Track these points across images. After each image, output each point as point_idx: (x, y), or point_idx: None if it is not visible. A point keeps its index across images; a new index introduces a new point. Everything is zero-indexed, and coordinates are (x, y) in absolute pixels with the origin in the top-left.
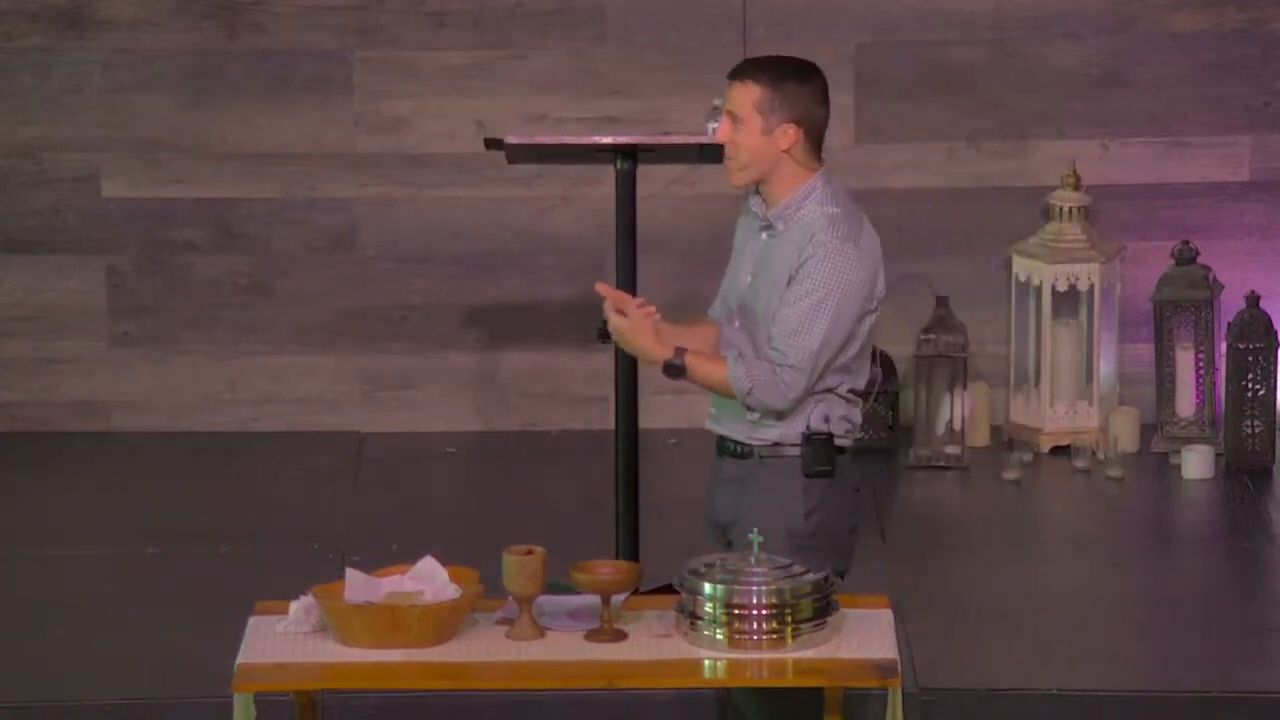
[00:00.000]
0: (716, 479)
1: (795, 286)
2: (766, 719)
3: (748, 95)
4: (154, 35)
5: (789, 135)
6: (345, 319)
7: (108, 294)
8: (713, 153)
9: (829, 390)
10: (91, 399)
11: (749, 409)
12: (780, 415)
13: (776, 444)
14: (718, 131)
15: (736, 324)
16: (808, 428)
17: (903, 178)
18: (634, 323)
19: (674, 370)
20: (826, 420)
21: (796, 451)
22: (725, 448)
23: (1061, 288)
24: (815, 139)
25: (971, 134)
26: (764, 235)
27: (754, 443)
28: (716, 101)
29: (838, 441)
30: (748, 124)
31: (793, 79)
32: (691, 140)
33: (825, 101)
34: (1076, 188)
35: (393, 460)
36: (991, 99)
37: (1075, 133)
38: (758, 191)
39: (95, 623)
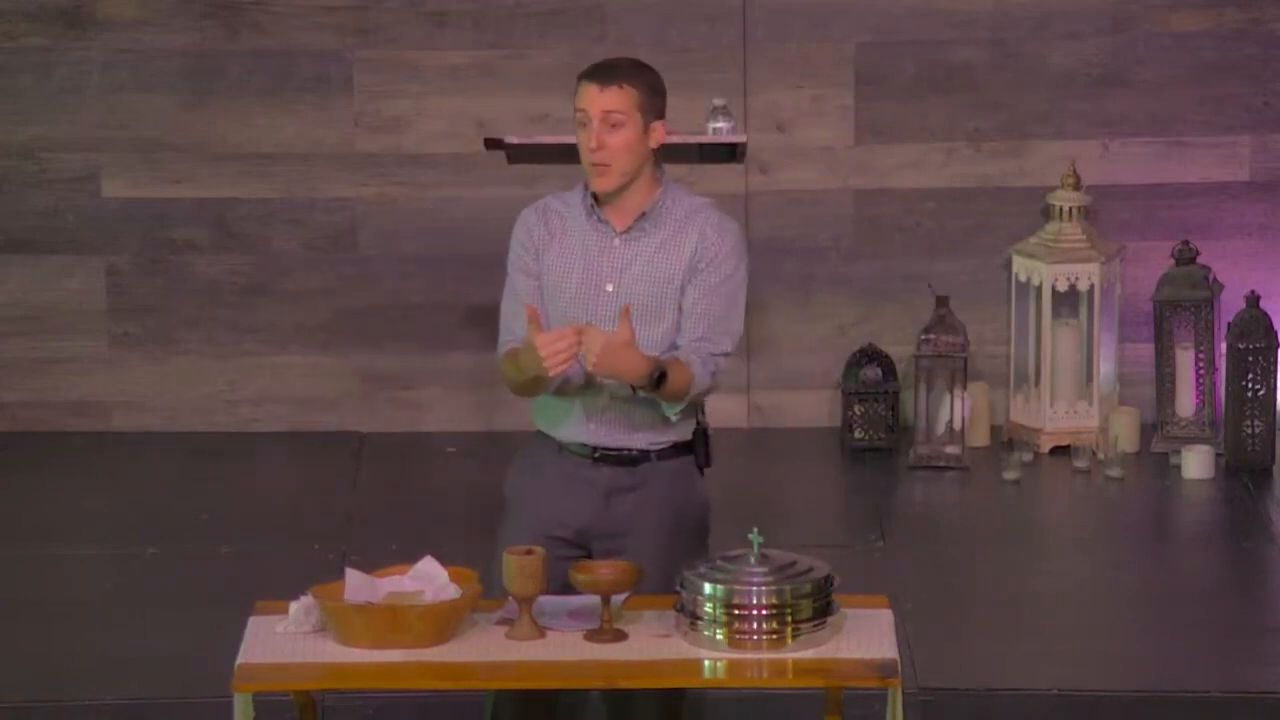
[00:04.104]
0: (583, 491)
1: (708, 274)
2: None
3: (626, 96)
4: (154, 35)
5: (660, 131)
6: (345, 319)
7: (108, 294)
8: (713, 152)
9: None
10: (91, 399)
11: (671, 408)
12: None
13: (675, 444)
14: (593, 139)
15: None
16: (698, 423)
17: (903, 178)
18: (608, 340)
19: (658, 380)
20: (703, 412)
21: (688, 449)
22: (606, 458)
23: (1061, 288)
24: None
25: (971, 134)
26: (617, 241)
27: (652, 447)
28: (717, 101)
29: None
30: (630, 125)
31: (651, 73)
32: (691, 140)
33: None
34: (1076, 188)
35: (393, 460)
36: (991, 99)
37: (1075, 133)
38: (596, 200)
39: (95, 623)
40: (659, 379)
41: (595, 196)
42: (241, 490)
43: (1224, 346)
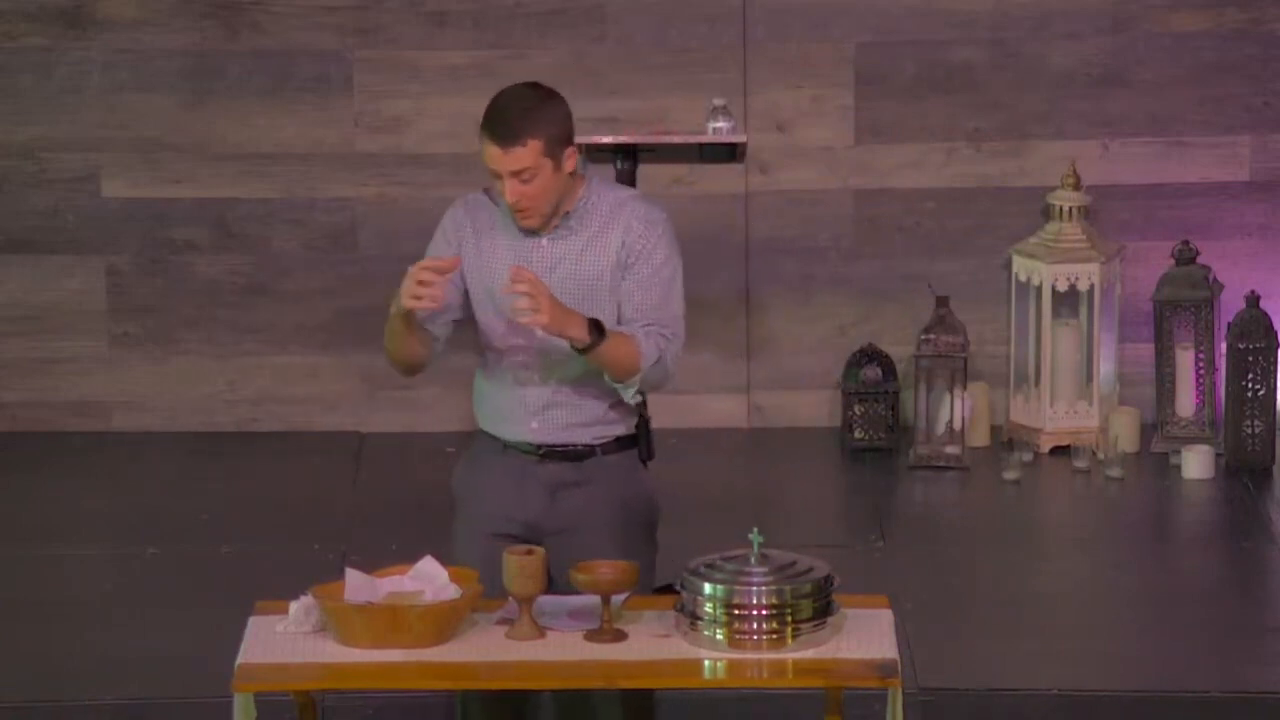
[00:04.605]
0: (529, 487)
1: (640, 267)
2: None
3: (531, 152)
4: (154, 35)
5: (573, 156)
6: (345, 319)
7: (108, 294)
8: (713, 152)
9: None
10: (91, 399)
11: (627, 388)
12: (651, 389)
13: (618, 438)
14: (508, 194)
15: (540, 331)
16: (641, 415)
17: (903, 178)
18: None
19: (596, 336)
20: (645, 406)
21: (631, 442)
22: (551, 454)
23: (1061, 288)
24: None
25: (971, 134)
26: (544, 241)
27: (596, 442)
28: (717, 101)
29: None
30: (542, 173)
31: (548, 107)
32: (691, 140)
33: (565, 101)
34: (1076, 188)
35: (393, 460)
36: (991, 99)
37: (1075, 133)
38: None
39: (95, 623)
40: (598, 330)
41: None
42: (241, 490)
43: (1224, 346)
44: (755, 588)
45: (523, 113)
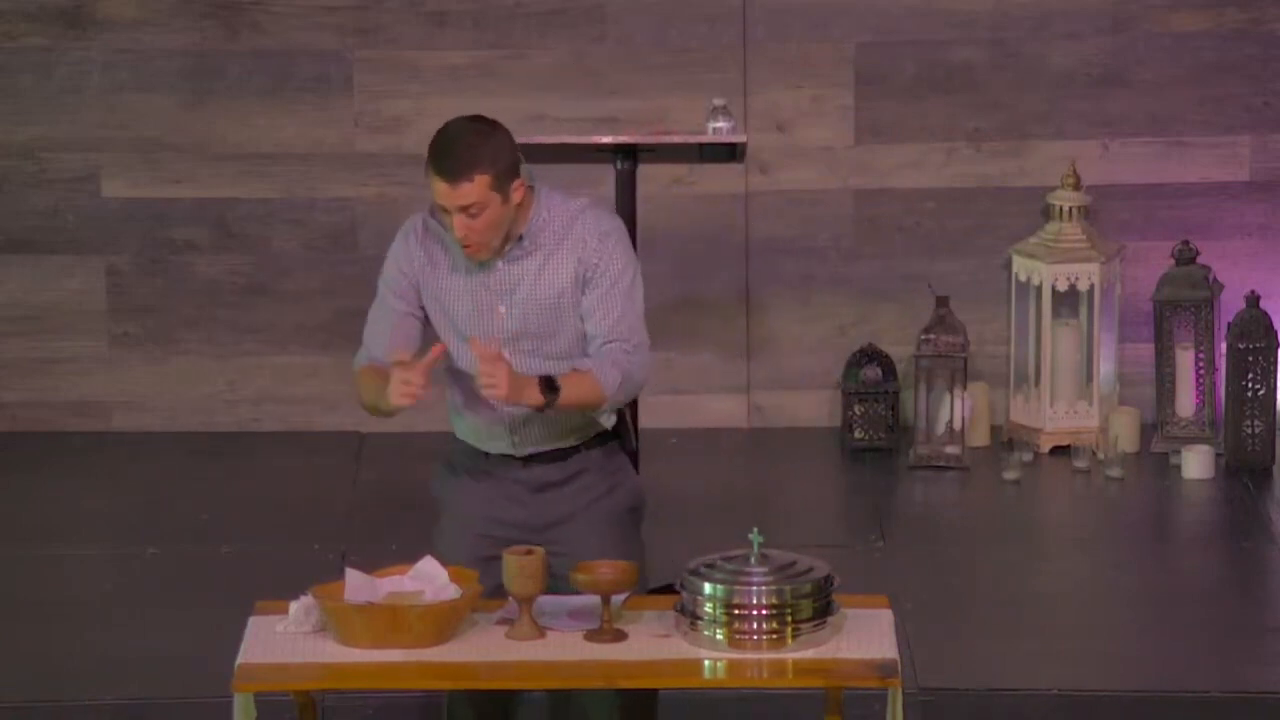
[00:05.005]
0: (514, 489)
1: (599, 281)
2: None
3: (479, 187)
4: (154, 35)
5: (520, 188)
6: (345, 319)
7: (108, 294)
8: (713, 152)
9: None
10: (91, 399)
11: (601, 414)
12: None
13: (600, 434)
14: (456, 229)
15: (507, 352)
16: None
17: (903, 178)
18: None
19: (550, 395)
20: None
21: (613, 434)
22: (536, 459)
23: (1061, 288)
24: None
25: (971, 134)
26: (500, 264)
27: (579, 442)
28: (717, 101)
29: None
30: (490, 206)
31: (494, 141)
32: (691, 140)
33: (509, 133)
34: (1076, 188)
35: (393, 460)
36: (991, 99)
37: (1075, 133)
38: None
39: (95, 623)
40: (551, 388)
41: None
42: (241, 490)
43: (1224, 346)
44: (755, 588)
45: (469, 148)
